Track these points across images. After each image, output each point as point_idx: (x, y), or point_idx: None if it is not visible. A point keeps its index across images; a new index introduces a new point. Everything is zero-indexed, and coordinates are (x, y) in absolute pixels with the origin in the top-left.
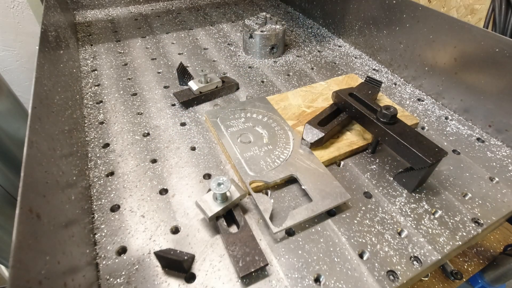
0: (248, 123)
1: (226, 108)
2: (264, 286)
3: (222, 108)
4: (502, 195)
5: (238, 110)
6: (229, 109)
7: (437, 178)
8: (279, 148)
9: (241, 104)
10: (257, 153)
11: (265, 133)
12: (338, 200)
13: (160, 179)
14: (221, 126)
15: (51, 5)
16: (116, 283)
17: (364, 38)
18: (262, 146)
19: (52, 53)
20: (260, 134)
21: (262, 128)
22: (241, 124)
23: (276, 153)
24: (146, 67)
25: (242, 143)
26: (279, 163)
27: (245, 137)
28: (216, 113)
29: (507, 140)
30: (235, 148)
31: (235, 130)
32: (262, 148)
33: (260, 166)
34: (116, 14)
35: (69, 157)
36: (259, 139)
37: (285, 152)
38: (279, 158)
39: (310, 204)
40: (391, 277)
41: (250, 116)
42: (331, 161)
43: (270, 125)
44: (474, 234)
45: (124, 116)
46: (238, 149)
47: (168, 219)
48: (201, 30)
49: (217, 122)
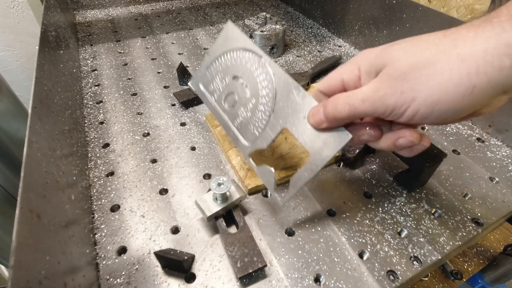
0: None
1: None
2: (264, 286)
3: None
4: (502, 195)
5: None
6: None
7: (437, 178)
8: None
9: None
10: (245, 116)
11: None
12: (337, 144)
13: (160, 179)
14: (207, 95)
15: (51, 5)
16: (116, 283)
17: (364, 38)
18: (247, 103)
19: (52, 53)
20: (241, 85)
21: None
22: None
23: (261, 107)
24: (146, 67)
25: (230, 107)
26: (266, 119)
27: (230, 99)
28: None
29: (507, 140)
30: (227, 119)
31: (219, 93)
32: (247, 105)
33: (251, 131)
34: (116, 14)
35: (69, 157)
36: (242, 94)
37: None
38: (265, 113)
39: (308, 162)
40: (391, 277)
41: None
42: (331, 161)
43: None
44: (474, 234)
45: (124, 116)
46: (228, 119)
47: (168, 219)
48: (201, 30)
49: (201, 90)
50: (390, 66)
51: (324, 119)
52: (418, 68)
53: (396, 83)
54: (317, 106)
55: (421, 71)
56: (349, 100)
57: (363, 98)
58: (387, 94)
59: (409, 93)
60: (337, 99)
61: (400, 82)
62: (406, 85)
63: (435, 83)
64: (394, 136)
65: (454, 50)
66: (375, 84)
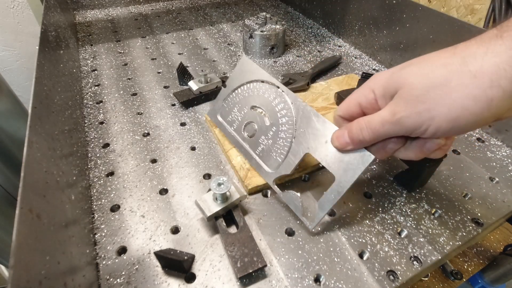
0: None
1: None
2: (264, 286)
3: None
4: (502, 195)
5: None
6: (222, 98)
7: (437, 178)
8: (281, 125)
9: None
10: (266, 143)
11: (263, 109)
12: (361, 166)
13: (160, 179)
14: (225, 125)
15: (51, 5)
16: (116, 283)
17: (364, 38)
18: (267, 131)
19: (52, 53)
20: (260, 114)
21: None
22: (239, 112)
23: (282, 134)
24: (146, 67)
25: (250, 137)
26: (288, 145)
27: (250, 128)
28: (215, 110)
29: (507, 140)
30: (247, 148)
31: (238, 123)
32: (268, 133)
33: (274, 158)
34: (116, 14)
35: (69, 157)
36: (261, 123)
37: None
38: (286, 140)
39: (334, 184)
40: (391, 277)
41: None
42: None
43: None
44: (474, 234)
45: (124, 116)
46: (250, 148)
47: (168, 219)
48: (201, 30)
49: (219, 120)
50: (404, 89)
51: (349, 142)
52: (431, 89)
53: (411, 105)
54: (341, 129)
55: (434, 91)
56: (370, 125)
57: (382, 122)
58: (404, 117)
59: (426, 113)
60: (358, 123)
61: (415, 104)
62: (422, 106)
63: (452, 101)
64: (420, 143)
65: (466, 67)
66: (391, 107)
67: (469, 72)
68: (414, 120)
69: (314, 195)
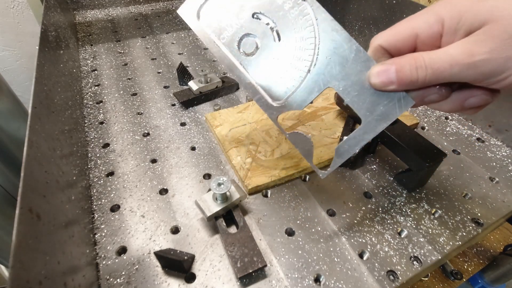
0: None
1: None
2: (264, 286)
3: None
4: (502, 195)
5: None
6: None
7: (437, 178)
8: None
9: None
10: (271, 67)
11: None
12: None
13: (160, 179)
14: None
15: (51, 5)
16: (116, 283)
17: (364, 38)
18: (274, 50)
19: (52, 53)
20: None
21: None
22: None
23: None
24: (146, 67)
25: (247, 55)
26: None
27: (248, 43)
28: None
29: (507, 140)
30: (242, 69)
31: (231, 33)
32: (275, 54)
33: (281, 87)
34: (116, 14)
35: (69, 157)
36: (266, 39)
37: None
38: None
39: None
40: (391, 277)
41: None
42: (331, 161)
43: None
44: (474, 234)
45: (124, 116)
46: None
47: (168, 219)
48: None
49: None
50: (496, 24)
51: (394, 80)
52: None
53: (501, 46)
54: (386, 63)
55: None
56: (432, 64)
57: (451, 62)
58: (485, 60)
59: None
60: (415, 60)
61: (507, 45)
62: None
63: None
64: (463, 96)
65: None
66: (467, 46)
67: None
68: (497, 65)
69: (314, 196)
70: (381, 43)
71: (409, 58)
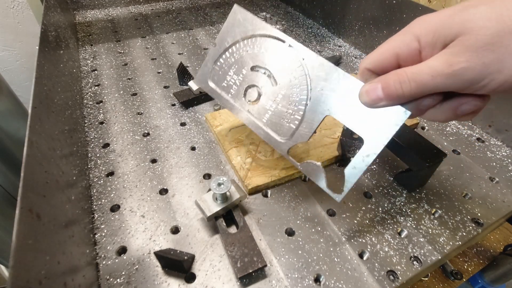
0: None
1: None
2: (264, 286)
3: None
4: (502, 195)
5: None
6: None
7: (437, 178)
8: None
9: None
10: (275, 109)
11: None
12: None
13: (160, 179)
14: (220, 92)
15: (51, 5)
16: (116, 283)
17: (364, 38)
18: (275, 95)
19: (52, 53)
20: (264, 75)
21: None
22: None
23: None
24: (146, 67)
25: (253, 103)
26: (303, 109)
27: (252, 93)
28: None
29: (507, 140)
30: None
31: (237, 88)
32: (276, 97)
33: (286, 125)
34: (116, 14)
35: (69, 157)
36: (266, 85)
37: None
38: (300, 103)
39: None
40: (391, 277)
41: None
42: (331, 161)
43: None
44: (474, 234)
45: (124, 116)
46: (254, 116)
47: (168, 219)
48: (201, 30)
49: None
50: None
51: (382, 97)
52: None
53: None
54: (373, 82)
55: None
56: (415, 77)
57: (432, 74)
58: (464, 69)
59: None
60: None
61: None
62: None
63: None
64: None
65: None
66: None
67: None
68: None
69: (314, 196)
70: (366, 66)
71: (393, 74)
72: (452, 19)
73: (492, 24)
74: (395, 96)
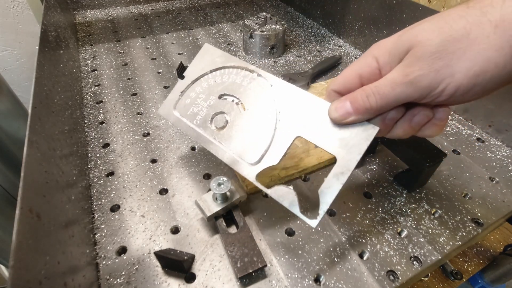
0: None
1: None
2: (264, 286)
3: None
4: (502, 195)
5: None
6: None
7: (437, 178)
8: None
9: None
10: (242, 135)
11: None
12: (365, 141)
13: (160, 179)
14: (185, 121)
15: (51, 5)
16: (116, 283)
17: (364, 38)
18: (242, 121)
19: (52, 53)
20: (231, 102)
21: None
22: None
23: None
24: (146, 67)
25: (219, 128)
26: (271, 132)
27: (219, 119)
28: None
29: (507, 140)
30: (217, 143)
31: (203, 115)
32: (243, 123)
33: (254, 149)
34: (116, 14)
35: (69, 157)
36: (234, 112)
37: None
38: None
39: (335, 168)
40: (391, 277)
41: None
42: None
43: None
44: (474, 234)
45: (124, 116)
46: (220, 142)
47: (168, 219)
48: (201, 30)
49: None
50: (417, 47)
51: (351, 111)
52: (450, 42)
53: (427, 63)
54: (341, 99)
55: (454, 45)
56: (378, 90)
57: (392, 85)
58: (419, 76)
59: (445, 70)
60: (364, 90)
61: (431, 61)
62: (440, 63)
63: (474, 53)
64: (408, 118)
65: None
66: (401, 68)
67: (489, 22)
68: (431, 78)
69: (314, 196)
70: (333, 88)
71: (360, 90)
72: (402, 37)
73: (436, 35)
74: (363, 109)
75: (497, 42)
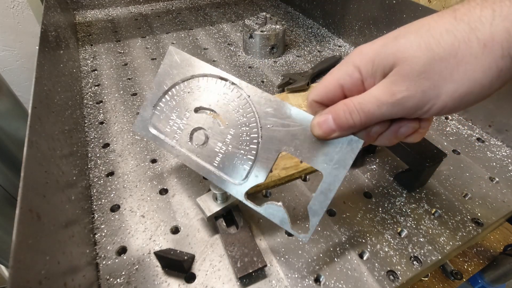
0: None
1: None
2: (264, 286)
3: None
4: (502, 195)
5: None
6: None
7: (437, 178)
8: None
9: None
10: (225, 151)
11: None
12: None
13: (160, 179)
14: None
15: (51, 5)
16: (116, 283)
17: (364, 38)
18: (224, 136)
19: (52, 53)
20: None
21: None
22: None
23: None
24: (146, 67)
25: (201, 146)
26: (255, 148)
27: (198, 136)
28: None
29: (507, 140)
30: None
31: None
32: (225, 138)
33: (239, 166)
34: (116, 14)
35: (69, 157)
36: (214, 127)
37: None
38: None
39: (322, 182)
40: (391, 277)
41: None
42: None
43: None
44: (474, 234)
45: (124, 116)
46: (203, 160)
47: (168, 219)
48: (201, 30)
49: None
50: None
51: (334, 128)
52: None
53: (414, 83)
54: (322, 114)
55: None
56: (363, 107)
57: (377, 104)
58: (406, 97)
59: (431, 91)
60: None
61: (418, 81)
62: (427, 84)
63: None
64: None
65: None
66: (387, 86)
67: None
68: (418, 99)
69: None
70: (314, 98)
71: (342, 105)
72: (385, 49)
73: (423, 53)
74: (346, 127)
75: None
